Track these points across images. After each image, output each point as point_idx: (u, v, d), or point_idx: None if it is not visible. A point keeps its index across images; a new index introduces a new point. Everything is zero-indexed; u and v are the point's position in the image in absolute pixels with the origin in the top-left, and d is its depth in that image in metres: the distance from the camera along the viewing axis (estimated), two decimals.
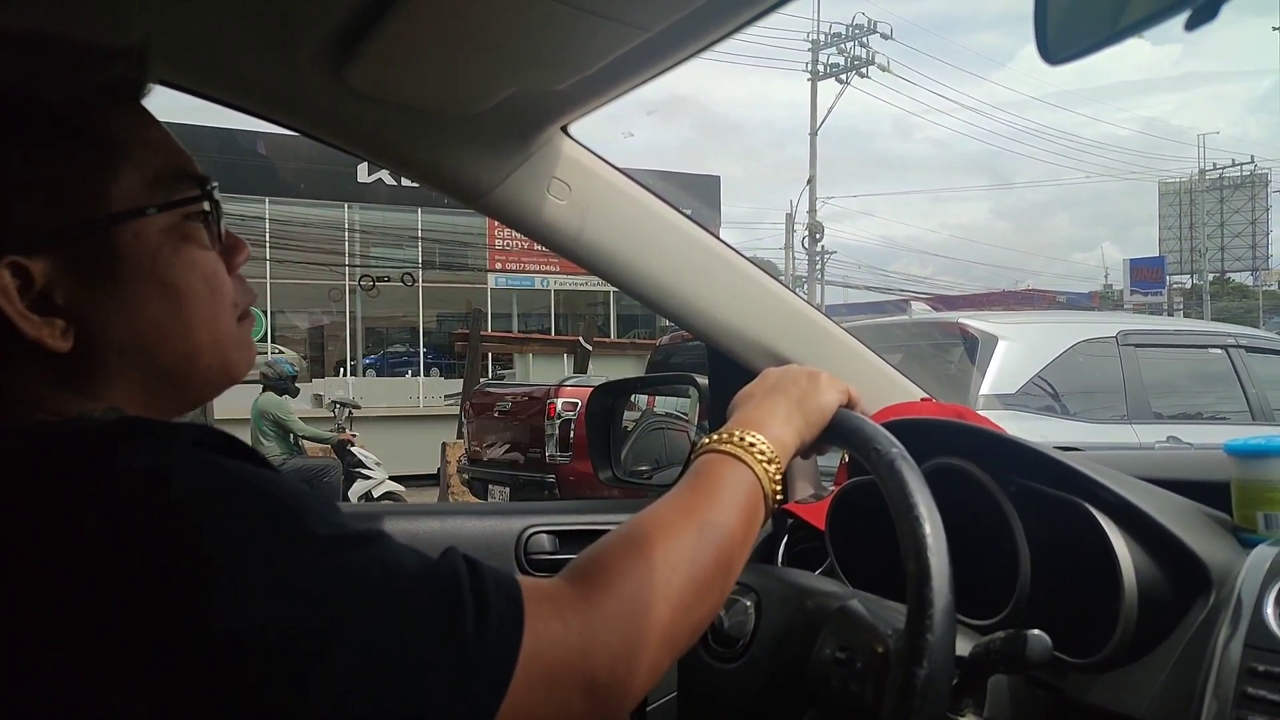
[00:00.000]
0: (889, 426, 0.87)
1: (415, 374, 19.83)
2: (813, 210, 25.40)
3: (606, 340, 15.44)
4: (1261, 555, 0.85)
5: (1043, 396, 4.30)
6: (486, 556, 0.95)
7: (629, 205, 1.23)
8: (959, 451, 0.98)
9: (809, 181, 25.22)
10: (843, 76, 25.51)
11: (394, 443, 11.63)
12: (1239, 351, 4.78)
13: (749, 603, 0.88)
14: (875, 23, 25.60)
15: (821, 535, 1.10)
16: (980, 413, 1.39)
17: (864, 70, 25.44)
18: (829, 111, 25.81)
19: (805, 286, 24.53)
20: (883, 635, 0.74)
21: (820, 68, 25.90)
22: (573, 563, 0.65)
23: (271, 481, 0.54)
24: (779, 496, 0.75)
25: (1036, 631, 0.70)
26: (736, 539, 0.70)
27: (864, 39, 25.52)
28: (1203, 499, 0.99)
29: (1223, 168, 31.92)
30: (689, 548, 0.66)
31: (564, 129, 1.17)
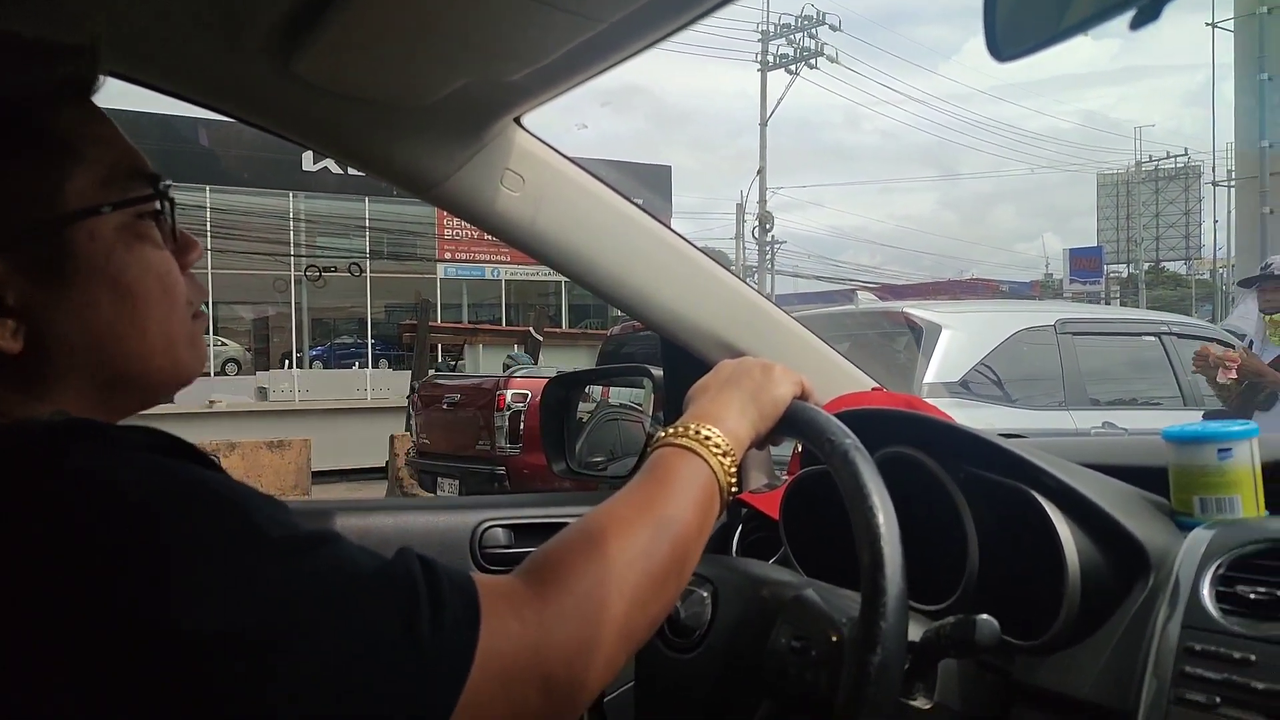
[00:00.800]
0: (841, 417, 0.88)
1: (363, 366, 19.57)
2: (763, 200, 25.59)
3: (558, 330, 15.42)
4: (1198, 538, 0.88)
5: (985, 384, 4.40)
6: (440, 552, 0.94)
7: (582, 197, 1.22)
8: (910, 441, 1.00)
9: (759, 172, 25.40)
10: (792, 67, 25.68)
11: (341, 436, 11.48)
12: (1171, 339, 4.93)
13: (705, 594, 0.89)
14: (824, 14, 25.83)
15: (775, 524, 1.11)
16: (925, 400, 1.41)
17: (813, 62, 25.64)
18: (778, 102, 26.03)
19: (756, 276, 24.72)
20: (837, 623, 0.76)
21: (770, 58, 26.05)
22: (528, 560, 0.65)
23: (222, 484, 0.53)
24: (734, 488, 0.76)
25: (985, 616, 0.72)
26: (692, 533, 0.71)
27: (813, 30, 25.72)
28: (1142, 484, 1.02)
29: (1158, 160, 32.83)
30: (645, 543, 0.67)
31: (517, 120, 1.16)
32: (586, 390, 1.72)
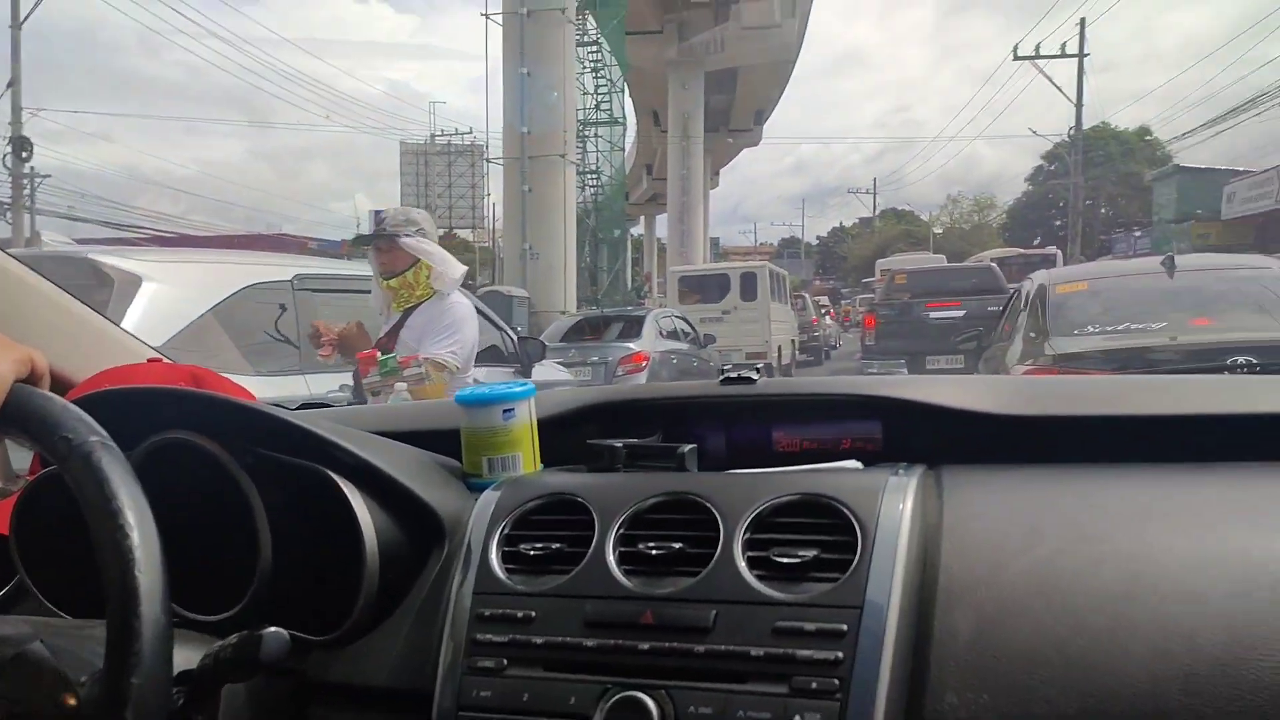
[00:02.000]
0: (96, 400, 0.69)
1: None
2: (17, 121, 21.10)
3: None
4: (486, 500, 0.90)
5: (203, 350, 3.58)
6: None
7: None
8: (188, 423, 0.84)
9: (10, 85, 20.87)
10: None
11: None
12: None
13: None
14: None
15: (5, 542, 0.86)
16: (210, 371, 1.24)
17: None
18: (36, 5, 21.50)
19: (9, 214, 20.37)
20: (73, 683, 0.58)
21: None
22: None
23: None
24: None
25: (271, 630, 0.62)
26: None
27: None
28: (441, 449, 1.02)
29: (449, 135, 36.17)
30: None
31: None
32: None
